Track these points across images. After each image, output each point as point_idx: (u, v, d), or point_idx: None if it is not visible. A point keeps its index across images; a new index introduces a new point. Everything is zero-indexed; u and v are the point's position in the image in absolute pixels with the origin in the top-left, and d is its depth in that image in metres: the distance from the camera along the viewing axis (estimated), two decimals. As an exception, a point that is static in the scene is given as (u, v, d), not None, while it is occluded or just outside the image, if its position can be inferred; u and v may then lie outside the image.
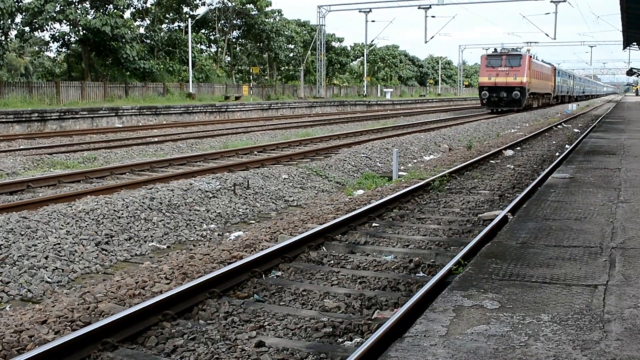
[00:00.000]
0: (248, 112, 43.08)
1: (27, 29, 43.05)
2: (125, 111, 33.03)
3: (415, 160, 18.74)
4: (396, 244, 8.64)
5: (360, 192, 12.96)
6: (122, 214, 9.33)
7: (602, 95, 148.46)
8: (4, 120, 26.38)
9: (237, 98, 47.14)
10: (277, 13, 64.95)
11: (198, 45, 55.19)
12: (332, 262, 7.77)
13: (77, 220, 8.72)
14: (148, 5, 51.99)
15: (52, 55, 54.25)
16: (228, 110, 41.40)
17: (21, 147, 20.26)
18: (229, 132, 26.57)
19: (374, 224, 9.73)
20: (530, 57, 48.07)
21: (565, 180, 10.59)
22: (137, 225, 9.22)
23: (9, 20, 37.93)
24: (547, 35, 59.02)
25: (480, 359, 3.66)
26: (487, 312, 4.40)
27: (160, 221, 9.57)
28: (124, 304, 6.06)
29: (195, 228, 9.77)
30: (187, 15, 53.16)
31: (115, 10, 43.60)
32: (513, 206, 9.86)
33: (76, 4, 43.03)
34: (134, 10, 50.94)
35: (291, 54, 70.52)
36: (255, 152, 18.71)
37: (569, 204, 8.44)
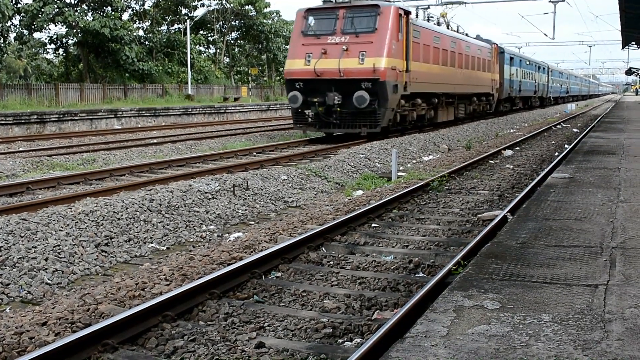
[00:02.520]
0: (247, 113, 43.06)
1: (25, 31, 43.05)
2: (124, 113, 33.02)
3: (414, 161, 18.74)
4: (396, 245, 8.63)
5: (360, 192, 12.95)
6: (122, 215, 9.32)
7: (598, 96, 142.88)
8: (3, 122, 26.37)
9: (235, 99, 47.13)
10: (275, 14, 64.95)
11: (197, 47, 55.21)
12: (331, 262, 7.77)
13: (77, 222, 8.71)
14: (146, 7, 52.02)
15: (49, 57, 54.27)
16: (227, 111, 41.39)
17: (20, 149, 20.25)
18: (227, 133, 26.56)
19: (373, 225, 9.73)
20: (404, 13, 22.09)
21: (565, 180, 10.59)
22: (137, 227, 9.21)
23: (8, 22, 37.95)
24: (546, 35, 57.09)
25: (481, 359, 3.66)
26: (487, 312, 4.40)
27: (159, 222, 9.56)
28: (124, 306, 6.05)
29: (194, 229, 9.76)
30: (186, 17, 53.19)
31: (113, 12, 43.62)
32: (513, 206, 9.86)
33: (74, 6, 43.04)
34: (132, 12, 50.99)
35: (290, 55, 70.41)
36: (255, 153, 18.70)
37: (568, 203, 8.44)
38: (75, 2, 43.45)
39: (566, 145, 21.64)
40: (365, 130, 21.05)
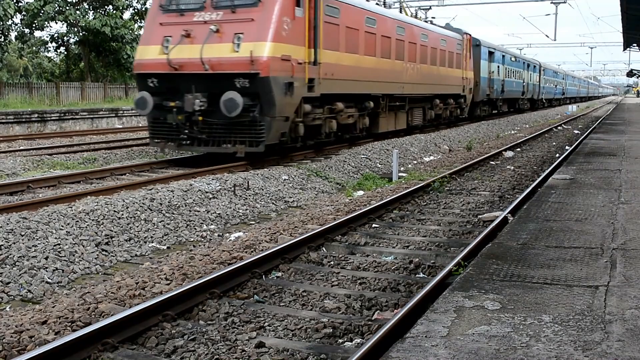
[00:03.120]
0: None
1: (26, 30, 43.09)
2: (125, 112, 33.00)
3: (415, 161, 18.73)
4: (396, 245, 8.63)
5: (360, 193, 12.95)
6: (122, 214, 9.32)
7: (598, 98, 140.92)
8: (4, 121, 26.37)
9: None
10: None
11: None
12: (332, 262, 7.76)
13: (77, 221, 8.71)
14: (147, 6, 52.00)
15: (51, 55, 54.37)
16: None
17: (21, 147, 20.25)
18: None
19: (374, 225, 9.73)
20: None
21: (566, 181, 10.58)
22: (137, 226, 9.20)
23: (9, 21, 38.00)
24: (547, 37, 56.50)
25: (482, 360, 3.66)
26: (488, 312, 4.40)
27: (160, 222, 9.56)
28: (124, 305, 6.05)
29: (195, 229, 9.75)
30: (187, 16, 53.08)
31: (114, 11, 43.65)
32: (513, 207, 9.85)
33: (75, 4, 43.08)
34: (133, 11, 50.98)
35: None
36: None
37: (569, 205, 8.43)
38: (76, 0, 43.48)
39: (567, 147, 21.63)
40: (242, 149, 14.44)
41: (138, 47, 15.84)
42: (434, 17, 30.17)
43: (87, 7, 43.70)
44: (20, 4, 41.38)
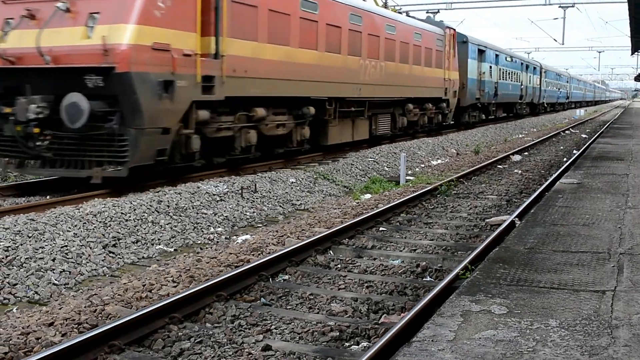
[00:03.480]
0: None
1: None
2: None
3: (422, 165, 18.73)
4: (403, 249, 8.63)
5: (368, 196, 12.95)
6: (130, 216, 9.34)
7: (605, 102, 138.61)
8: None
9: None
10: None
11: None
12: (339, 266, 7.76)
13: (85, 223, 8.74)
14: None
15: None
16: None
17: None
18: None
19: (381, 228, 9.73)
20: None
21: (573, 185, 10.56)
22: (145, 228, 9.22)
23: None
24: (555, 41, 56.26)
25: (488, 364, 3.65)
26: (495, 317, 4.39)
27: (167, 224, 9.58)
28: (131, 307, 6.06)
29: (202, 231, 9.77)
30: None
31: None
32: (521, 211, 9.83)
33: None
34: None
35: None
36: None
37: (576, 209, 8.41)
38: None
39: (575, 151, 21.59)
40: (98, 172, 10.94)
41: None
42: (441, 21, 29.02)
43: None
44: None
